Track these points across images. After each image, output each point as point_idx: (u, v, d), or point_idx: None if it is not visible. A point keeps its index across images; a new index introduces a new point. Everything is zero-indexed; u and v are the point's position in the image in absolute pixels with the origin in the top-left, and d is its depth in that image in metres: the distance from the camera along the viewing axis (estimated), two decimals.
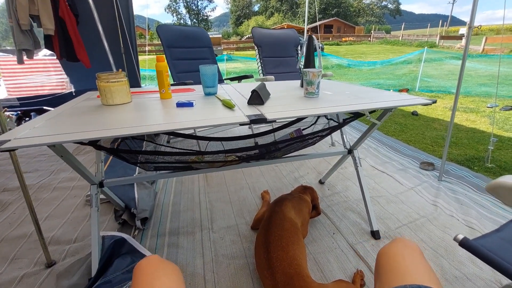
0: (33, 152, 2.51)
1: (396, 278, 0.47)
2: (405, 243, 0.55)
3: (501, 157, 2.28)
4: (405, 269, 0.48)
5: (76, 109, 1.00)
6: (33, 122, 0.84)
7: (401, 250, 0.53)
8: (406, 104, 1.03)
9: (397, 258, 0.51)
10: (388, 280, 0.48)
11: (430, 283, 0.44)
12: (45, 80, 3.93)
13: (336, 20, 37.03)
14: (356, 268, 1.18)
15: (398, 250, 0.53)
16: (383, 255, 0.54)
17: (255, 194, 1.79)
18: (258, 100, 1.00)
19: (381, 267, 0.53)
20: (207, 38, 2.76)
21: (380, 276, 0.52)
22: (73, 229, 1.46)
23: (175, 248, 1.32)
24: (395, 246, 0.55)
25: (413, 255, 0.51)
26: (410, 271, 0.48)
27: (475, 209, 1.56)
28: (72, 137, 0.70)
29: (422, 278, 0.45)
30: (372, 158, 2.32)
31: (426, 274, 0.47)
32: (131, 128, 0.76)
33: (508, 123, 3.26)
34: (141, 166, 1.25)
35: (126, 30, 2.84)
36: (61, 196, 1.79)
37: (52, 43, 2.30)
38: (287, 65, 2.92)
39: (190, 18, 47.30)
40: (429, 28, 29.69)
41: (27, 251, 1.31)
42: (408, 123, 3.37)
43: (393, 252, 0.53)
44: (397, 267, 0.49)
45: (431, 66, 9.02)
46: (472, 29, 1.64)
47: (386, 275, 0.50)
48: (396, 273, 0.48)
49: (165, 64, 1.09)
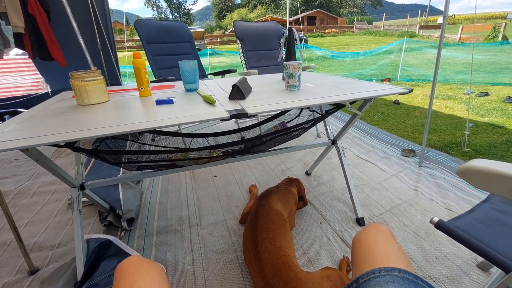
0: (9, 157, 2.40)
1: (368, 262, 0.49)
2: (377, 228, 0.57)
3: (477, 141, 2.38)
4: (377, 253, 0.50)
5: (50, 110, 0.96)
6: (3, 125, 0.80)
7: (373, 235, 0.55)
8: (384, 94, 1.05)
9: (369, 244, 0.53)
10: (361, 265, 0.50)
11: (398, 263, 0.47)
12: (19, 81, 3.73)
13: (319, 12, 37.13)
14: (342, 255, 1.22)
15: (370, 235, 0.55)
16: (357, 242, 0.56)
17: (243, 189, 1.79)
18: (239, 94, 0.99)
19: (355, 253, 0.55)
20: (188, 32, 2.70)
21: (354, 262, 0.54)
22: (56, 234, 1.42)
23: (163, 247, 1.31)
24: (367, 231, 0.57)
25: (384, 239, 0.54)
26: (381, 255, 0.50)
27: (453, 192, 1.63)
28: (46, 139, 0.68)
29: (391, 260, 0.48)
30: (356, 147, 2.37)
31: (395, 255, 0.50)
32: (108, 128, 0.74)
33: (483, 108, 3.41)
34: (124, 166, 1.22)
35: (102, 26, 2.73)
36: (42, 201, 1.73)
37: (23, 41, 2.18)
38: (270, 58, 2.91)
39: (171, 12, 46.05)
40: (409, 18, 30.33)
41: (7, 259, 1.26)
42: (390, 112, 3.46)
43: (365, 238, 0.55)
44: (369, 252, 0.51)
45: (411, 56, 9.26)
46: (446, 18, 1.69)
47: (360, 260, 0.52)
48: (368, 257, 0.50)
49: (142, 61, 1.06)
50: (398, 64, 6.32)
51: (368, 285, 0.45)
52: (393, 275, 0.45)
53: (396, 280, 0.44)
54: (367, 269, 0.47)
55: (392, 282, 0.44)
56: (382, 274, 0.46)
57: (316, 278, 0.92)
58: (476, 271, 1.11)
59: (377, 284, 0.45)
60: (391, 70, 6.67)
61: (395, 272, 0.45)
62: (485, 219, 0.76)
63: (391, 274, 0.45)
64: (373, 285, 0.45)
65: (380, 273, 0.46)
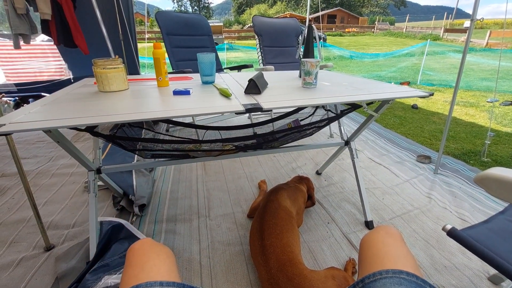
0: (32, 138, 2.52)
1: (376, 263, 0.48)
2: (386, 230, 0.56)
3: (498, 152, 2.29)
4: (385, 255, 0.50)
5: (73, 95, 1.00)
6: (29, 107, 0.84)
7: (382, 237, 0.54)
8: (403, 96, 1.03)
9: (378, 245, 0.52)
10: (368, 266, 0.49)
11: (407, 266, 0.46)
12: (43, 66, 3.88)
13: (339, 10, 36.34)
14: (348, 256, 1.21)
15: (379, 237, 0.54)
16: (365, 242, 0.56)
17: (252, 184, 1.80)
18: (255, 89, 0.99)
19: (363, 254, 0.54)
20: (207, 26, 2.72)
21: (361, 263, 0.53)
22: (72, 215, 1.48)
23: (172, 234, 1.34)
24: (377, 233, 0.56)
25: (393, 241, 0.53)
26: (389, 257, 0.49)
27: (468, 202, 1.58)
28: (68, 122, 0.71)
29: (400, 263, 0.47)
30: (370, 150, 2.33)
31: (404, 258, 0.49)
32: (127, 115, 0.76)
33: (506, 118, 3.26)
34: (139, 153, 1.25)
35: (124, 16, 2.79)
36: (60, 182, 1.80)
37: (49, 28, 2.26)
38: (287, 55, 2.89)
39: (191, 5, 46.36)
40: (433, 20, 29.19)
41: (26, 235, 1.33)
42: (407, 116, 3.37)
43: (374, 239, 0.54)
44: (377, 253, 0.51)
45: (433, 59, 8.93)
46: (474, 22, 1.62)
47: (367, 261, 0.51)
48: (376, 259, 0.50)
49: (162, 52, 1.08)
50: (419, 67, 6.12)
51: (374, 285, 0.45)
52: (400, 278, 0.44)
53: (403, 283, 0.44)
54: (374, 270, 0.47)
55: (399, 284, 0.43)
56: (389, 275, 0.45)
57: (320, 276, 0.92)
58: (487, 284, 1.08)
59: (383, 285, 0.44)
60: (411, 74, 6.47)
61: (402, 274, 0.45)
62: (501, 231, 0.73)
63: (398, 276, 0.45)
64: (379, 286, 0.44)
65: (387, 274, 0.45)
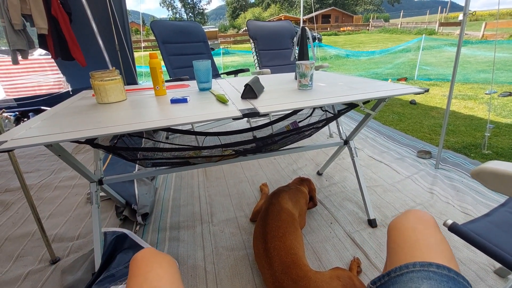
0: (33, 152, 2.53)
1: (404, 254, 0.44)
2: (417, 215, 0.50)
3: (498, 144, 2.29)
4: (415, 243, 0.45)
5: (72, 109, 1.01)
6: (29, 122, 0.85)
7: (412, 222, 0.49)
8: (398, 94, 1.03)
9: (407, 232, 0.48)
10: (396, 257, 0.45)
11: (441, 258, 0.42)
12: (42, 80, 3.91)
13: (333, 10, 36.51)
14: (353, 256, 1.21)
15: (409, 222, 0.49)
16: (394, 229, 0.50)
17: (254, 187, 1.81)
18: (251, 94, 1.00)
19: (391, 242, 0.49)
20: (202, 32, 2.75)
21: (390, 252, 0.48)
22: (76, 227, 1.49)
23: (176, 242, 1.35)
24: (406, 218, 0.50)
25: (426, 229, 0.48)
26: (420, 246, 0.45)
27: (470, 195, 1.58)
28: (68, 136, 0.72)
29: (432, 253, 0.43)
30: (370, 148, 2.33)
31: (437, 248, 0.44)
32: (126, 125, 0.77)
33: (506, 109, 3.26)
34: (140, 163, 1.26)
35: (120, 27, 2.82)
36: (63, 195, 1.81)
37: (46, 42, 2.29)
38: (283, 58, 2.91)
39: (185, 12, 46.71)
40: (428, 15, 29.30)
41: (32, 249, 1.34)
42: (406, 112, 3.37)
43: (404, 225, 0.49)
44: (407, 241, 0.46)
45: (430, 54, 8.94)
46: (467, 15, 1.63)
47: (395, 250, 0.47)
48: (405, 248, 0.45)
49: (157, 61, 1.09)
50: (415, 63, 6.14)
51: (400, 280, 0.42)
52: (429, 271, 0.40)
53: (432, 277, 0.40)
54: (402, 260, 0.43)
55: (428, 279, 0.40)
56: (416, 269, 0.41)
57: (325, 277, 0.92)
58: (493, 277, 1.08)
59: (410, 280, 0.41)
60: (408, 69, 6.48)
61: (432, 267, 0.41)
62: (502, 223, 0.73)
63: (427, 270, 0.41)
64: (406, 281, 0.41)
65: (415, 268, 0.41)
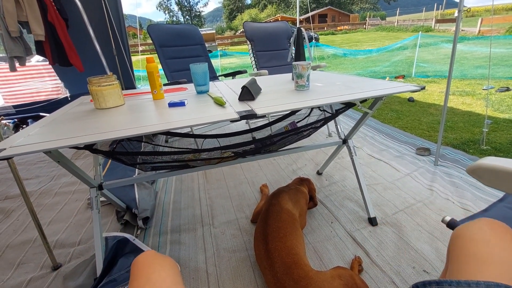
0: (33, 159, 2.53)
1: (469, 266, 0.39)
2: (492, 225, 0.45)
3: (496, 139, 2.29)
4: (486, 256, 0.40)
5: (70, 115, 1.01)
6: (28, 129, 0.86)
7: (485, 233, 0.43)
8: (395, 92, 1.04)
9: (477, 243, 0.42)
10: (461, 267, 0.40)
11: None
12: (40, 86, 3.92)
13: (330, 9, 36.62)
14: (354, 254, 1.21)
15: (481, 232, 0.43)
16: (460, 237, 0.45)
17: (254, 188, 1.81)
18: (248, 95, 1.01)
19: (455, 250, 0.44)
20: (199, 35, 2.75)
21: (452, 261, 0.43)
22: (77, 232, 1.49)
23: (177, 245, 1.35)
24: (478, 228, 0.45)
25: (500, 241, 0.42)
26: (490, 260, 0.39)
27: (470, 191, 1.58)
28: (67, 142, 0.72)
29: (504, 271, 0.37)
30: (369, 146, 2.34)
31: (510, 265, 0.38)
32: (124, 130, 0.77)
33: (503, 104, 3.27)
34: (139, 167, 1.27)
35: (117, 31, 2.83)
36: (63, 201, 1.81)
37: (44, 48, 2.29)
38: (280, 58, 2.91)
39: (182, 15, 46.78)
40: (424, 12, 29.39)
41: (33, 255, 1.34)
42: (404, 109, 3.38)
43: (474, 235, 0.43)
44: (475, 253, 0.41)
45: (427, 51, 8.96)
46: (461, 12, 1.64)
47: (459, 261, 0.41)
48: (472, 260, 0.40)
49: (155, 65, 1.10)
50: (412, 60, 6.15)
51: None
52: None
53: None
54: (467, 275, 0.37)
55: None
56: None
57: (327, 277, 0.93)
58: None
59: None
60: (405, 67, 6.49)
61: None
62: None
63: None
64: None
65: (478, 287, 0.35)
